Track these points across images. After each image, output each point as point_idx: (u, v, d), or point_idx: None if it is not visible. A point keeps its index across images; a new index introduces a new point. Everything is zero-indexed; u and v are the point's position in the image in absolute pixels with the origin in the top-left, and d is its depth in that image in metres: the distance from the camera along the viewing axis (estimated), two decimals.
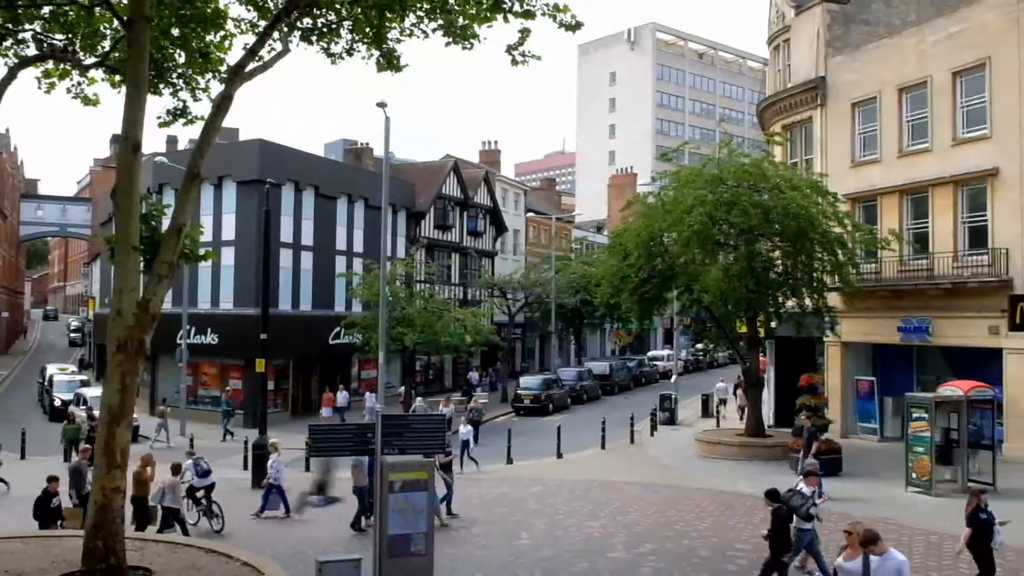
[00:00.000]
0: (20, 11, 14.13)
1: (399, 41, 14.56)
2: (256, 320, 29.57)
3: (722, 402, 39.38)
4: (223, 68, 14.87)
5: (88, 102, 15.23)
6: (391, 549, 11.85)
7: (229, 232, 39.80)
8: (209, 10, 14.28)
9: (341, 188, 44.76)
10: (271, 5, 14.42)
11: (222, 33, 14.71)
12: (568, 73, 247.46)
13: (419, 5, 13.84)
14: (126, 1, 13.13)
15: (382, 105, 27.97)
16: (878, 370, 30.54)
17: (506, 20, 13.36)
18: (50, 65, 14.76)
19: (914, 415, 21.66)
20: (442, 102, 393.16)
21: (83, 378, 44.99)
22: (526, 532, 18.32)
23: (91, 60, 14.76)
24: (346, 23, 14.46)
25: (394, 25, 14.22)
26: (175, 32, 14.45)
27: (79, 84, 15.06)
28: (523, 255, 63.25)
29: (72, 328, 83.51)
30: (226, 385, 39.67)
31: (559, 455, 29.11)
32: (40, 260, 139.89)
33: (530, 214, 66.25)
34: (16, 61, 14.54)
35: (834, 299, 28.56)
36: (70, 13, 14.29)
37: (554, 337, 56.88)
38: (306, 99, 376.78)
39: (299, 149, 44.11)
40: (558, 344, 61.05)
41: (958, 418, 21.48)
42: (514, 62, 13.92)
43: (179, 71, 15.03)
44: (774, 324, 28.78)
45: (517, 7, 13.19)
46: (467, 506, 20.89)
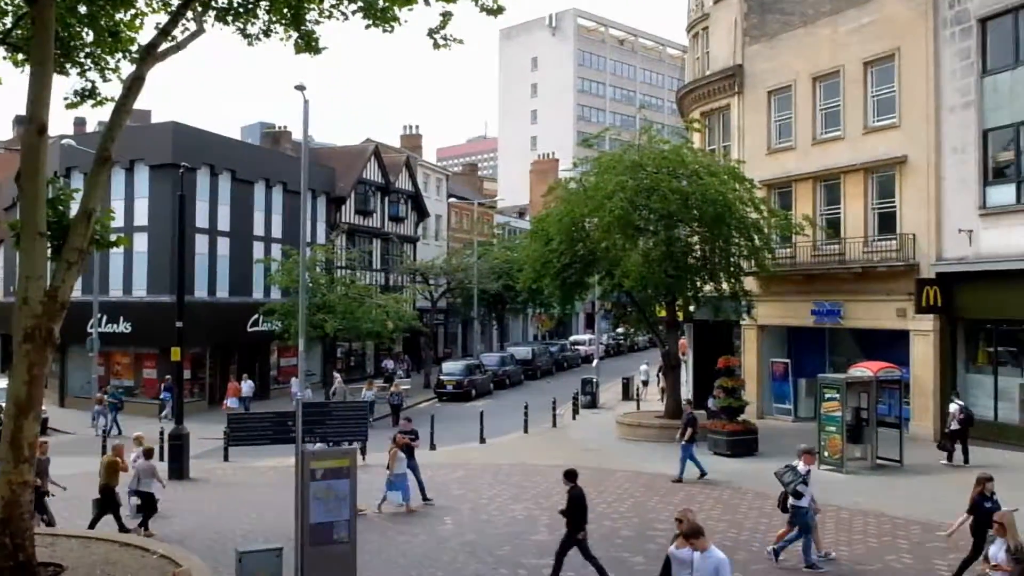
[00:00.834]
0: None
1: (318, 23, 14.27)
2: (171, 307, 28.83)
3: (644, 384, 39.97)
4: (134, 48, 14.36)
5: None
6: (313, 537, 11.72)
7: (142, 217, 38.69)
8: None
9: (259, 172, 43.90)
10: None
11: (132, 11, 14.16)
12: (490, 58, 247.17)
13: None
14: None
15: (301, 88, 27.40)
16: (792, 352, 31.38)
17: (427, 3, 13.24)
18: None
19: (826, 395, 22.33)
20: (363, 86, 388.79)
21: None
22: (449, 517, 18.33)
23: None
24: (263, 3, 14.10)
25: (312, 6, 13.94)
26: (82, 9, 13.87)
27: None
28: (445, 240, 63.07)
29: None
30: (141, 374, 38.86)
31: (482, 440, 29.18)
32: None
33: (452, 199, 66.04)
34: None
35: (750, 283, 29.23)
36: None
37: (477, 322, 56.93)
38: (222, 81, 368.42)
39: (215, 132, 43.12)
40: (481, 329, 61.12)
41: (868, 398, 22.24)
42: (436, 46, 13.81)
43: (87, 50, 14.43)
44: (693, 308, 29.30)
45: None
46: (376, 495, 20.79)
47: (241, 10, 14.16)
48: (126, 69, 14.47)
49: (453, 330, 65.91)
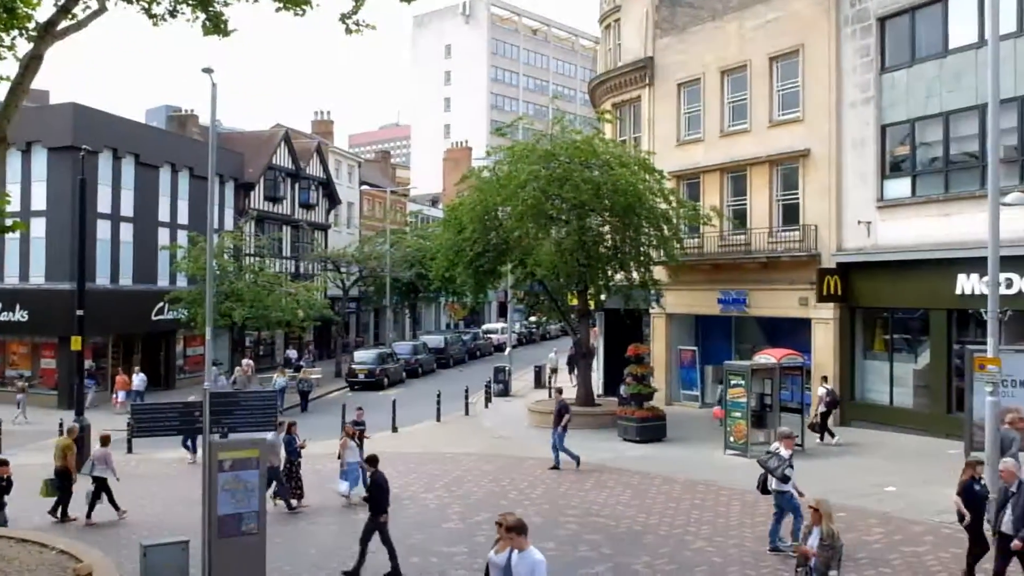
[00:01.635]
0: None
1: (227, 4, 13.92)
2: (71, 295, 27.94)
3: (554, 371, 40.36)
4: (31, 25, 13.77)
5: None
6: (221, 529, 11.52)
7: (40, 202, 37.20)
8: None
9: (164, 157, 42.66)
10: None
11: None
12: (403, 44, 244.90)
13: None
14: None
15: (208, 71, 26.82)
16: (700, 340, 32.09)
17: None
18: None
19: (732, 382, 22.92)
20: (274, 71, 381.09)
21: None
22: (362, 507, 18.22)
23: None
24: None
25: None
26: None
27: None
28: (357, 228, 62.41)
29: None
30: (39, 364, 37.55)
31: (394, 429, 29.06)
32: None
33: (364, 187, 65.35)
34: None
35: (660, 272, 29.75)
36: None
37: (389, 311, 56.53)
38: (126, 63, 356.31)
39: (118, 115, 41.70)
40: (393, 318, 60.73)
41: (771, 384, 22.89)
42: (348, 31, 13.63)
43: None
44: (604, 297, 29.68)
45: None
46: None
47: None
48: (23, 48, 13.89)
49: (365, 319, 65.35)
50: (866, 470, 20.29)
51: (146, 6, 13.89)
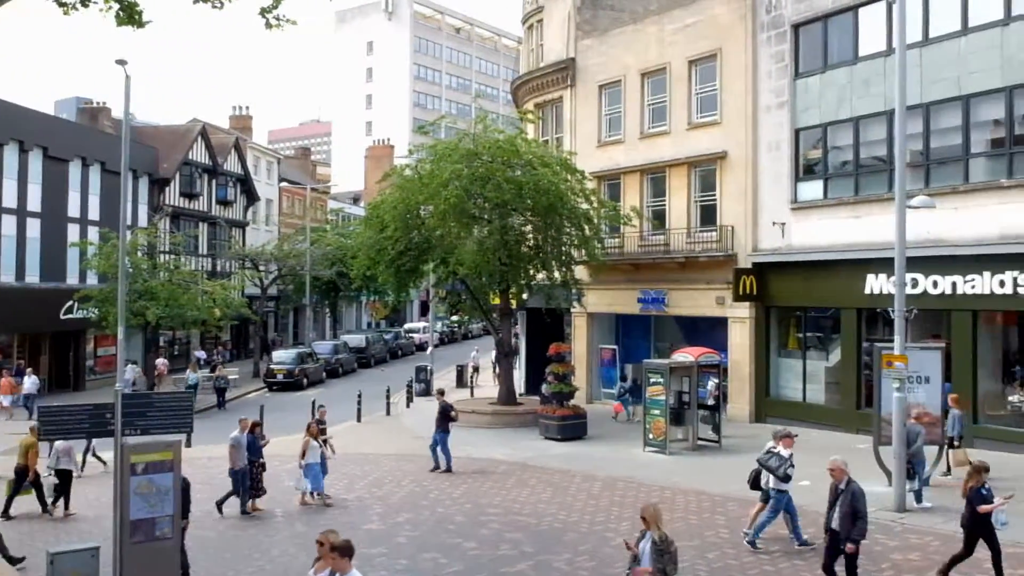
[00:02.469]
0: None
1: None
2: None
3: (476, 370, 40.37)
4: None
5: None
6: (133, 535, 11.20)
7: None
8: None
9: (74, 150, 41.33)
10: None
11: None
12: (325, 40, 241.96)
13: None
14: None
15: (122, 63, 26.05)
16: (620, 339, 32.46)
17: None
18: None
19: (651, 380, 23.22)
20: (191, 65, 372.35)
21: None
22: (280, 509, 17.98)
23: None
24: None
25: None
26: None
27: None
28: (276, 226, 61.39)
29: None
30: None
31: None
32: None
33: (284, 183, 64.33)
34: None
35: (581, 272, 30.01)
36: None
37: (309, 310, 55.77)
38: (34, 53, 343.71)
39: (24, 106, 40.19)
40: (313, 317, 59.93)
41: (689, 382, 23.29)
42: (268, 26, 13.33)
43: None
44: (525, 296, 29.80)
45: None
46: (216, 486, 20.16)
47: None
48: None
49: (284, 318, 64.37)
50: None
51: None
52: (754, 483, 14.74)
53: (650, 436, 22.96)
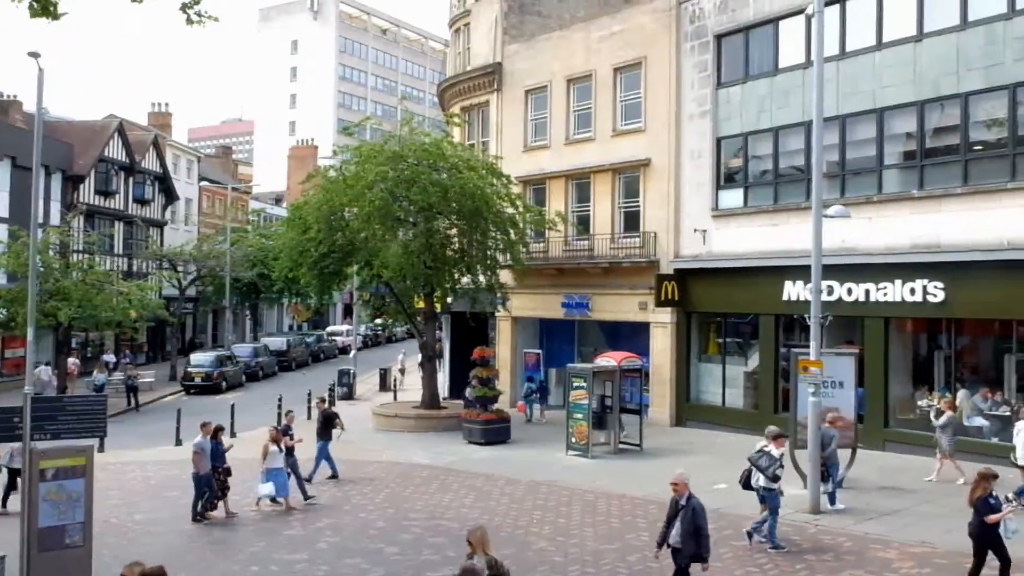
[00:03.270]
0: None
1: None
2: None
3: (401, 373, 40.10)
4: None
5: None
6: (42, 543, 10.83)
7: None
8: None
9: None
10: None
11: None
12: (248, 38, 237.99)
13: None
14: None
15: (35, 55, 25.15)
16: (544, 343, 32.63)
17: None
18: None
19: (575, 384, 23.37)
20: (110, 59, 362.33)
21: None
22: (242, 514, 17.57)
23: None
24: None
25: None
26: None
27: None
28: (196, 225, 60.01)
29: None
30: None
31: (233, 434, 28.05)
32: None
33: (204, 183, 62.96)
34: None
35: (506, 276, 30.07)
36: None
37: (229, 312, 54.69)
38: None
39: None
40: (233, 319, 58.79)
41: (612, 386, 23.53)
42: (189, 21, 13.03)
43: None
44: (450, 299, 29.72)
45: None
46: (131, 492, 19.64)
47: None
48: None
49: (203, 320, 63.00)
50: (698, 468, 20.97)
51: None
52: (745, 483, 14.89)
53: (573, 440, 23.10)
